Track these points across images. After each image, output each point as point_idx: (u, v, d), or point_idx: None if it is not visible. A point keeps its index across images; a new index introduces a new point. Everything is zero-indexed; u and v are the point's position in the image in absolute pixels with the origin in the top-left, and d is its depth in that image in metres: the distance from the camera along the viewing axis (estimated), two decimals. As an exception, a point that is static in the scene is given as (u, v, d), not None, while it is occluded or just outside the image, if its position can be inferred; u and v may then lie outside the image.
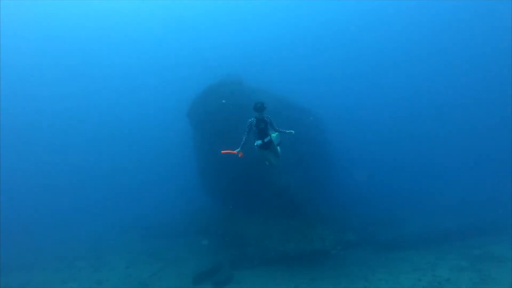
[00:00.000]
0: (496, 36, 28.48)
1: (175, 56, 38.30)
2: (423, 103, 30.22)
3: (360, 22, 34.31)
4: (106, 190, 25.87)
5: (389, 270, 10.59)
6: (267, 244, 11.61)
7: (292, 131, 6.93)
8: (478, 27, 30.20)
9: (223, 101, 12.01)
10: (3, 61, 31.83)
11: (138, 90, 37.68)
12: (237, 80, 13.40)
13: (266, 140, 6.73)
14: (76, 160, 29.47)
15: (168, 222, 19.99)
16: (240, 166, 12.01)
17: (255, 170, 11.65)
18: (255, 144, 6.68)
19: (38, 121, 31.74)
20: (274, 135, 6.93)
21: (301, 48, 35.80)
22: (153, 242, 17.62)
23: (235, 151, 6.56)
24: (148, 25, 39.50)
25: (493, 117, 26.08)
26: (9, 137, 27.72)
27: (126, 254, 15.47)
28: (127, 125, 34.19)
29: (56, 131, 32.17)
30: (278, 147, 7.05)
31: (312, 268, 10.89)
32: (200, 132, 13.71)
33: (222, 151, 6.65)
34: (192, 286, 10.70)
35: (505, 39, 27.56)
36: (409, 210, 16.83)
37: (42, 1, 33.85)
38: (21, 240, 17.44)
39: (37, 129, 30.92)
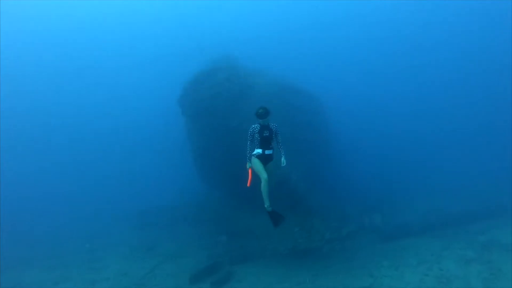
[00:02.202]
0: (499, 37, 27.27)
1: (165, 36, 35.88)
2: (426, 91, 29.30)
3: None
4: (101, 178, 25.17)
5: (394, 263, 10.22)
6: (268, 238, 11.12)
7: (284, 161, 5.90)
8: (480, 27, 28.77)
9: None
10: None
11: (127, 74, 35.71)
12: (232, 64, 12.21)
13: (267, 152, 5.74)
14: (68, 150, 28.47)
15: (166, 210, 19.56)
16: (237, 157, 11.28)
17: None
18: (255, 153, 5.75)
19: (27, 113, 30.21)
20: (283, 159, 5.92)
21: (306, 26, 33.67)
22: (150, 231, 17.29)
23: (249, 169, 5.72)
24: (137, 4, 36.82)
25: (496, 103, 25.50)
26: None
27: (122, 247, 15.09)
28: (119, 111, 32.77)
29: (44, 121, 30.72)
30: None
31: (314, 263, 10.50)
32: (193, 120, 12.72)
33: (248, 185, 5.79)
34: (189, 287, 10.25)
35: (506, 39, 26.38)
36: (412, 194, 16.45)
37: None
38: (13, 236, 16.86)
39: (25, 121, 29.46)
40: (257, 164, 5.66)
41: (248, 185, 5.84)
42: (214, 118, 11.25)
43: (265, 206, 5.73)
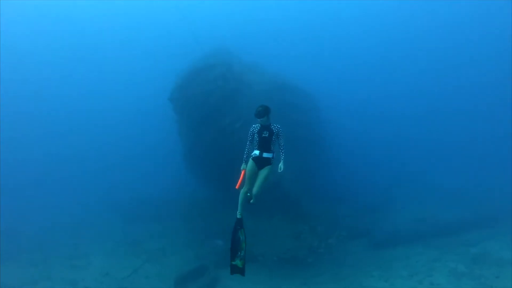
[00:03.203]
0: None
1: (160, 28, 34.53)
2: (422, 96, 28.95)
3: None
4: (88, 170, 24.51)
5: (385, 274, 10.00)
6: (257, 243, 10.77)
7: (282, 167, 5.38)
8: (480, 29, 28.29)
9: None
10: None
11: (119, 66, 34.49)
12: (227, 60, 11.57)
13: (265, 155, 5.24)
14: (54, 141, 27.57)
15: (154, 203, 19.14)
16: (229, 158, 10.85)
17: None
18: (252, 154, 5.24)
19: (10, 102, 29.04)
20: (281, 164, 5.40)
21: (303, 23, 32.73)
22: (136, 226, 16.85)
23: (242, 170, 5.21)
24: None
25: (490, 109, 25.36)
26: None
27: (107, 242, 14.66)
28: (109, 103, 31.80)
29: (29, 110, 29.63)
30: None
31: (303, 271, 10.23)
32: (184, 117, 12.16)
33: (237, 187, 5.27)
34: (173, 291, 9.91)
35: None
36: (404, 199, 16.24)
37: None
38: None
39: (7, 110, 28.28)
40: (249, 169, 5.17)
41: (236, 187, 5.35)
42: (206, 116, 10.73)
43: (237, 214, 5.30)
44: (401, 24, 31.65)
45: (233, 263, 5.29)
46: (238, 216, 5.32)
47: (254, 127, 5.21)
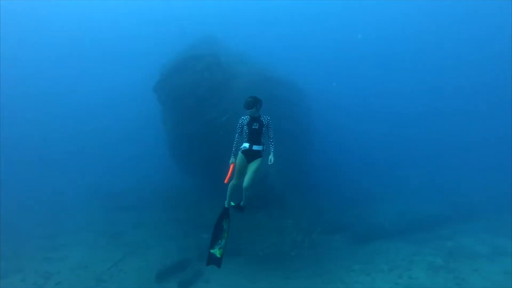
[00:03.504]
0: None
1: (146, 18, 32.94)
2: (409, 91, 29.32)
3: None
4: (70, 159, 23.55)
5: (366, 268, 10.19)
6: (240, 238, 10.70)
7: (272, 159, 5.21)
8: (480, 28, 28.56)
9: None
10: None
11: (104, 57, 32.94)
12: (213, 52, 11.11)
13: (255, 148, 5.03)
14: (34, 128, 26.27)
15: (136, 192, 18.68)
16: (215, 151, 10.58)
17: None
18: (241, 147, 5.03)
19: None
20: (271, 157, 5.22)
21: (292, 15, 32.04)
22: (118, 215, 16.43)
23: (231, 164, 4.98)
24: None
25: (469, 107, 26.01)
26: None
27: (86, 233, 14.19)
28: (92, 92, 30.51)
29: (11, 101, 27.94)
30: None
31: (286, 266, 10.24)
32: (168, 108, 11.71)
33: (226, 181, 5.04)
34: (155, 286, 9.71)
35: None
36: (385, 194, 16.58)
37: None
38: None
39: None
40: (238, 162, 4.98)
41: (225, 181, 5.16)
42: (192, 108, 10.34)
43: (225, 203, 5.29)
44: (390, 19, 31.74)
45: (212, 251, 5.23)
46: (226, 206, 5.29)
47: (243, 119, 4.99)
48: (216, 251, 5.21)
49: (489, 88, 26.30)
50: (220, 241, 5.29)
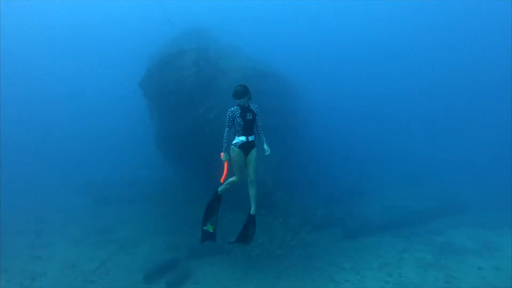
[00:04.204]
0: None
1: (131, 8, 31.56)
2: (399, 85, 29.09)
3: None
4: (56, 152, 22.99)
5: (356, 266, 10.16)
6: (229, 237, 10.51)
7: (268, 149, 4.98)
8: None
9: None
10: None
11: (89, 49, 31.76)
12: (201, 45, 10.56)
13: (250, 139, 4.69)
14: (24, 119, 25.55)
15: (123, 185, 18.42)
16: (203, 148, 10.27)
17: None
18: (236, 142, 4.70)
19: None
20: (266, 146, 4.95)
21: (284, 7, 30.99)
22: (105, 209, 16.21)
23: (225, 161, 4.61)
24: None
25: (458, 103, 25.85)
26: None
27: (73, 229, 13.95)
28: (78, 85, 29.60)
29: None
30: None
31: (276, 265, 10.15)
32: (155, 104, 11.25)
33: (222, 180, 4.78)
34: (143, 287, 9.56)
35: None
36: (375, 188, 16.53)
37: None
38: None
39: None
40: (238, 159, 4.63)
41: (221, 180, 4.88)
42: (178, 104, 9.91)
43: (218, 189, 5.03)
44: (382, 12, 31.11)
45: (204, 228, 5.19)
46: (219, 192, 5.04)
47: (232, 110, 4.58)
48: (209, 227, 5.22)
49: (480, 84, 26.15)
50: (212, 217, 5.22)
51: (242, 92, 4.49)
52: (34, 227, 14.25)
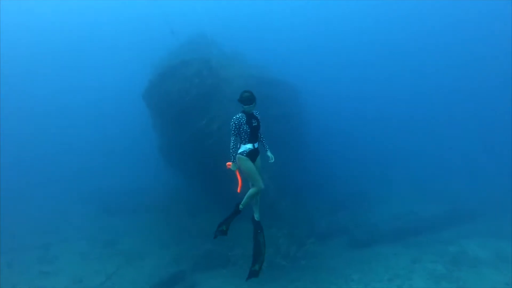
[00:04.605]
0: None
1: (134, 17, 32.12)
2: (403, 89, 28.71)
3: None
4: (62, 162, 23.32)
5: (364, 278, 9.91)
6: (235, 249, 10.42)
7: (272, 156, 4.84)
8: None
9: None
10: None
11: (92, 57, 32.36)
12: (204, 56, 10.56)
13: (256, 146, 4.52)
14: (29, 130, 26.05)
15: (129, 197, 18.45)
16: (209, 157, 10.19)
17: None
18: (242, 150, 4.56)
19: None
20: (270, 153, 4.83)
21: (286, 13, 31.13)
22: (110, 220, 16.27)
23: (235, 171, 4.45)
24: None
25: (466, 106, 25.34)
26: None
27: (80, 241, 14.00)
28: (83, 94, 30.11)
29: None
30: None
31: (282, 277, 9.99)
32: (157, 115, 11.27)
33: (238, 191, 4.50)
34: (148, 302, 9.50)
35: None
36: (383, 196, 16.18)
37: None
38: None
39: None
40: (249, 166, 4.39)
41: (238, 191, 4.69)
42: (181, 116, 9.89)
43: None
44: (383, 14, 30.95)
45: (253, 268, 4.80)
46: (257, 219, 4.79)
47: (238, 118, 4.39)
48: (256, 267, 4.84)
49: (488, 87, 25.57)
50: (261, 257, 4.82)
51: (250, 98, 4.36)
52: (42, 240, 14.32)
